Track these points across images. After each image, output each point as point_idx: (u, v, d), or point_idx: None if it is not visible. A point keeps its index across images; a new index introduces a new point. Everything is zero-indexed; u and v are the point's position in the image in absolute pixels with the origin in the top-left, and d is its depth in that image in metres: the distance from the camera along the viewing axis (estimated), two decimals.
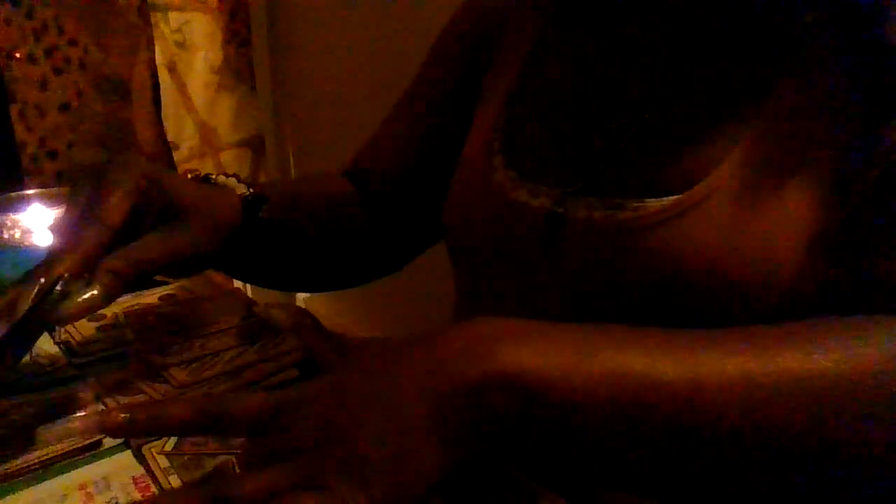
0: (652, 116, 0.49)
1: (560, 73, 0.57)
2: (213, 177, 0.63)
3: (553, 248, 0.51)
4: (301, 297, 2.05)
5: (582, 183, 0.50)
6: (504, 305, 0.55)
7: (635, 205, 0.48)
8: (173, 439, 0.52)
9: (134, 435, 0.47)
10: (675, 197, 0.46)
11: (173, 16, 1.70)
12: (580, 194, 0.50)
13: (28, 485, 0.48)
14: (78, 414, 0.54)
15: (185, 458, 0.50)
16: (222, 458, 0.50)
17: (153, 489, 0.47)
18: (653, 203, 0.47)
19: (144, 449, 0.51)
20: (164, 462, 0.50)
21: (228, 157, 1.83)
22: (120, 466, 0.50)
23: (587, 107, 0.54)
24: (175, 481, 0.48)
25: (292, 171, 1.96)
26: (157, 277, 0.85)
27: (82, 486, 0.48)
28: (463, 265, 0.62)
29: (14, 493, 0.47)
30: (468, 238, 0.58)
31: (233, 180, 0.62)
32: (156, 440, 0.52)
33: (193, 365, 0.62)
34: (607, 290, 0.49)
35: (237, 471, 0.44)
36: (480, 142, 0.59)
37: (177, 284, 0.81)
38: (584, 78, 0.55)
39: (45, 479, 0.48)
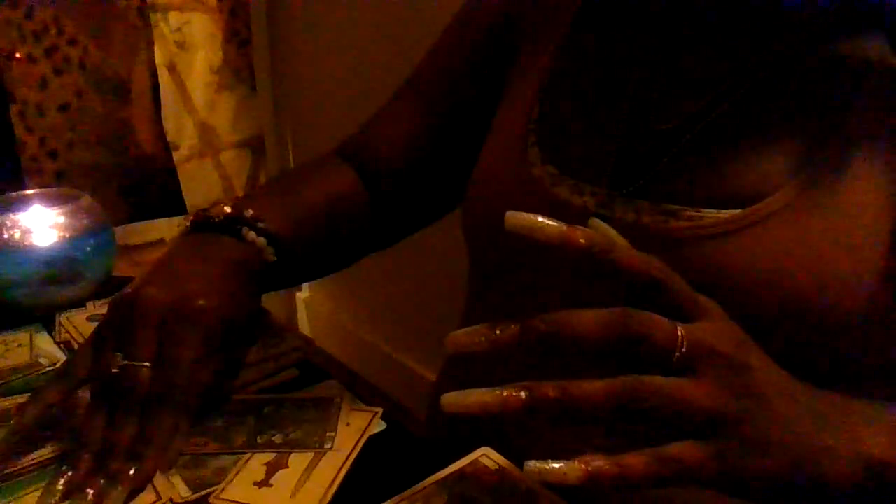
0: (706, 124, 0.48)
1: (597, 65, 0.55)
2: (239, 227, 0.58)
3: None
4: (301, 298, 2.05)
5: (634, 186, 0.49)
6: (529, 306, 0.53)
7: (689, 213, 0.46)
8: None
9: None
10: (734, 212, 0.45)
11: (173, 16, 1.70)
12: (627, 196, 0.49)
13: (29, 484, 0.48)
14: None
15: (187, 457, 0.50)
16: (224, 458, 0.50)
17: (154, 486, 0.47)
18: (709, 214, 0.46)
19: None
20: None
21: (228, 157, 1.83)
22: None
23: (629, 103, 0.52)
24: (177, 481, 0.48)
25: None
26: None
27: None
28: (486, 262, 0.60)
29: (14, 494, 0.47)
30: (497, 234, 0.56)
31: (262, 240, 0.57)
32: None
33: None
34: None
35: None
36: (512, 133, 0.57)
37: None
38: (624, 72, 0.53)
39: (45, 480, 0.48)
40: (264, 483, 0.47)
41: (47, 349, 0.67)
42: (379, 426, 0.53)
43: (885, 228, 0.43)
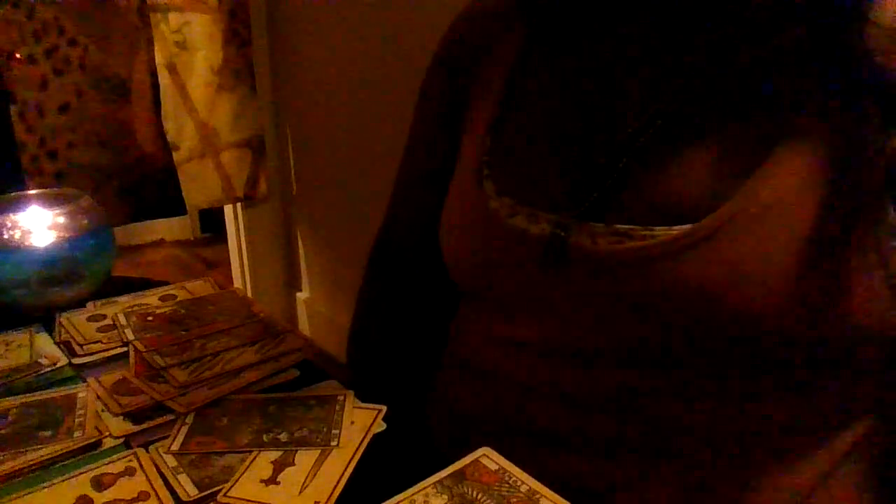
0: (652, 139, 0.48)
1: (542, 95, 0.56)
2: None
3: (556, 275, 0.50)
4: (301, 298, 2.05)
5: (582, 208, 0.49)
6: (508, 326, 0.55)
7: (642, 233, 0.47)
8: (180, 438, 0.52)
9: None
10: (684, 227, 0.45)
11: (173, 16, 1.70)
12: (581, 219, 0.49)
13: (28, 485, 0.48)
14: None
15: (193, 457, 0.50)
16: (230, 456, 0.50)
17: (153, 487, 0.47)
18: (661, 232, 0.46)
19: (152, 448, 0.51)
20: (171, 461, 0.50)
21: (228, 157, 1.83)
22: (119, 466, 0.50)
23: (574, 126, 0.53)
24: (184, 480, 0.48)
25: (292, 171, 1.96)
26: (157, 278, 0.85)
27: (82, 485, 0.48)
28: (465, 289, 0.62)
29: (14, 494, 0.47)
30: (468, 267, 0.58)
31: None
32: (162, 439, 0.52)
33: (193, 365, 0.62)
34: (613, 317, 0.48)
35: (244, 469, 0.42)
36: (468, 169, 0.58)
37: (177, 284, 0.81)
38: (567, 98, 0.54)
39: (45, 480, 0.48)
40: (271, 481, 0.47)
41: (47, 349, 0.67)
42: (380, 426, 0.53)
43: (817, 223, 0.43)
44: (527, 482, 0.45)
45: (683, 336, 0.46)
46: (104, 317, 0.72)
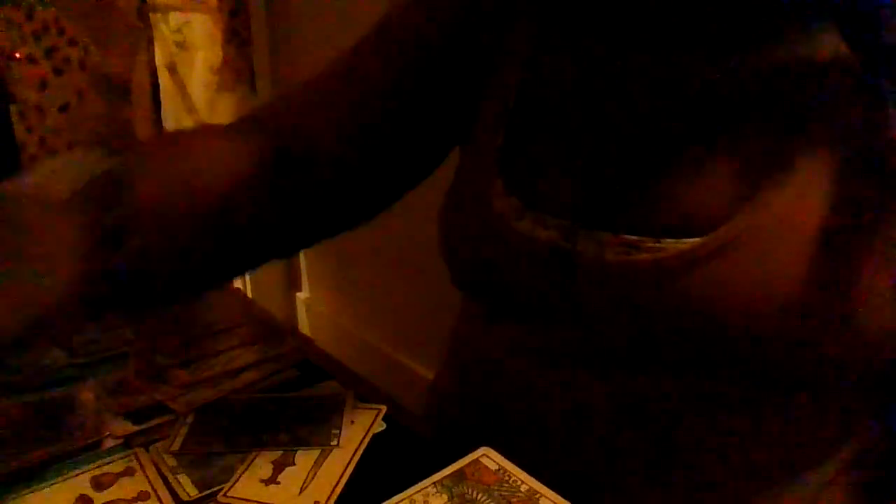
0: (664, 148, 0.47)
1: (554, 97, 0.54)
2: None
3: (562, 284, 0.49)
4: (301, 298, 2.05)
5: (591, 214, 0.48)
6: (511, 329, 0.54)
7: (651, 245, 0.46)
8: (180, 438, 0.52)
9: None
10: (694, 241, 0.45)
11: (173, 16, 1.70)
12: (591, 228, 0.48)
13: (28, 485, 0.48)
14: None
15: (193, 457, 0.50)
16: (230, 456, 0.50)
17: (153, 487, 0.47)
18: (670, 245, 0.45)
19: (152, 448, 0.51)
20: (171, 461, 0.50)
21: None
22: (119, 466, 0.50)
23: (592, 128, 0.51)
24: (184, 480, 0.48)
25: None
26: None
27: (82, 485, 0.48)
28: (467, 291, 0.60)
29: (14, 494, 0.47)
30: (470, 268, 0.56)
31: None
32: (162, 439, 0.52)
33: (193, 365, 0.62)
34: (619, 325, 0.48)
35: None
36: (479, 161, 0.56)
37: None
38: (578, 101, 0.52)
39: (45, 480, 0.48)
40: (271, 481, 0.48)
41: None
42: (380, 426, 0.53)
43: (830, 235, 0.42)
44: (527, 482, 0.45)
45: (692, 346, 0.46)
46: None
